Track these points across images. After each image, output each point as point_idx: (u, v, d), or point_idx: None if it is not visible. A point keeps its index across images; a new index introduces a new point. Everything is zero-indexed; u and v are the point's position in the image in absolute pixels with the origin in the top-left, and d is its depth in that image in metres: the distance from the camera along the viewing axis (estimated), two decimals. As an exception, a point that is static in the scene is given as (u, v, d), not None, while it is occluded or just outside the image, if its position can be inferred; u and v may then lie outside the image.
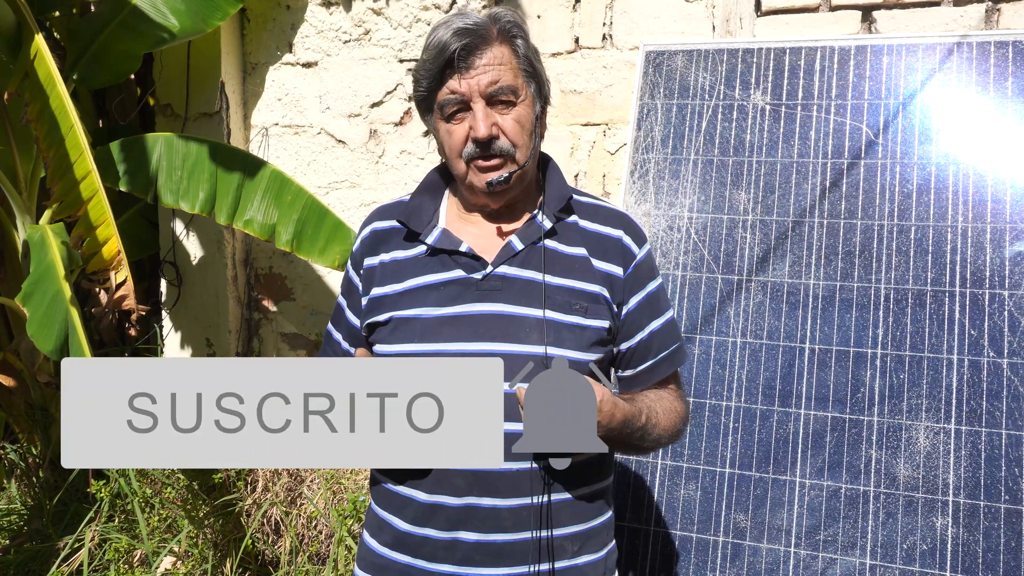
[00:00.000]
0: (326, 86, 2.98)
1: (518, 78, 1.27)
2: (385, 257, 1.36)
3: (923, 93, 2.01)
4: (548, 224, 1.32)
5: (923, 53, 2.03)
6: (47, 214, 2.65)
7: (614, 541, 1.40)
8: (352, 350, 1.43)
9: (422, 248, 1.33)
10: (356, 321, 1.40)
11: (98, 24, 2.73)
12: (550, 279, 1.28)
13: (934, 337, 1.86)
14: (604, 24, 2.59)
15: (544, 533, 1.26)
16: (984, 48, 1.99)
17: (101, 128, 3.44)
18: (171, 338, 3.27)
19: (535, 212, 1.34)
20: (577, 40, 2.63)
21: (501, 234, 1.33)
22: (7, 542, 2.88)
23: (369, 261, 1.37)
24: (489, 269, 1.29)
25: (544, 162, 1.41)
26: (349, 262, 1.43)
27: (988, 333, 1.83)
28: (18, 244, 2.84)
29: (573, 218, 1.36)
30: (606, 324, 1.30)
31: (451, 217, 1.37)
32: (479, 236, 1.33)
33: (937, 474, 1.79)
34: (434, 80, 1.26)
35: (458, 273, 1.29)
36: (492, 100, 1.25)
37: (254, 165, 2.74)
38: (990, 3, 2.18)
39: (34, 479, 3.04)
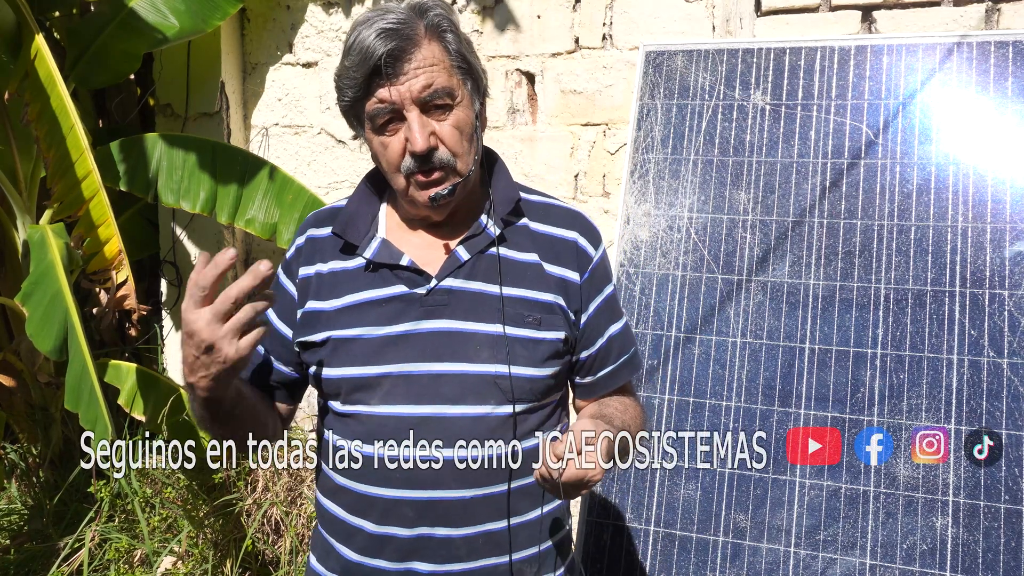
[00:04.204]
0: (326, 86, 2.98)
1: (453, 78, 1.15)
2: (322, 268, 1.24)
3: (923, 93, 2.01)
4: (496, 231, 1.22)
5: (923, 53, 2.03)
6: (47, 214, 2.65)
7: (572, 553, 1.34)
8: (272, 360, 1.29)
9: (361, 261, 1.22)
10: (288, 331, 1.27)
11: (98, 24, 2.73)
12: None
13: (934, 337, 1.86)
14: (604, 24, 2.59)
15: (504, 559, 1.20)
16: (984, 48, 1.99)
17: (101, 128, 3.44)
18: (171, 338, 3.27)
19: (481, 218, 1.24)
20: (577, 40, 2.63)
21: (446, 243, 1.23)
22: (7, 542, 2.88)
23: (304, 271, 1.26)
24: (433, 283, 1.19)
25: (489, 159, 1.30)
26: (280, 268, 1.28)
27: (988, 333, 1.83)
28: (18, 244, 2.84)
29: (523, 221, 1.25)
30: (562, 335, 1.21)
31: (391, 225, 1.27)
32: (422, 247, 1.23)
33: (937, 474, 1.79)
34: (360, 89, 1.15)
35: (400, 288, 1.19)
36: (427, 106, 1.14)
37: (255, 165, 2.75)
38: (990, 3, 2.18)
39: (34, 479, 3.04)
